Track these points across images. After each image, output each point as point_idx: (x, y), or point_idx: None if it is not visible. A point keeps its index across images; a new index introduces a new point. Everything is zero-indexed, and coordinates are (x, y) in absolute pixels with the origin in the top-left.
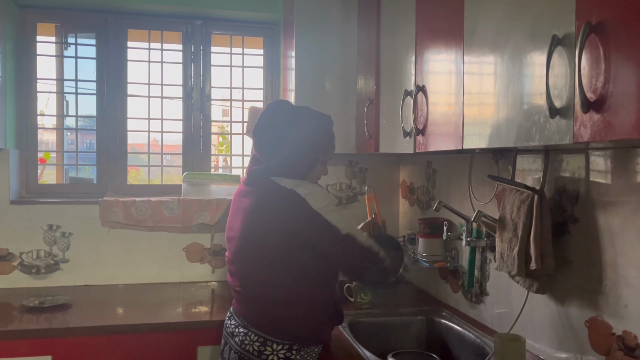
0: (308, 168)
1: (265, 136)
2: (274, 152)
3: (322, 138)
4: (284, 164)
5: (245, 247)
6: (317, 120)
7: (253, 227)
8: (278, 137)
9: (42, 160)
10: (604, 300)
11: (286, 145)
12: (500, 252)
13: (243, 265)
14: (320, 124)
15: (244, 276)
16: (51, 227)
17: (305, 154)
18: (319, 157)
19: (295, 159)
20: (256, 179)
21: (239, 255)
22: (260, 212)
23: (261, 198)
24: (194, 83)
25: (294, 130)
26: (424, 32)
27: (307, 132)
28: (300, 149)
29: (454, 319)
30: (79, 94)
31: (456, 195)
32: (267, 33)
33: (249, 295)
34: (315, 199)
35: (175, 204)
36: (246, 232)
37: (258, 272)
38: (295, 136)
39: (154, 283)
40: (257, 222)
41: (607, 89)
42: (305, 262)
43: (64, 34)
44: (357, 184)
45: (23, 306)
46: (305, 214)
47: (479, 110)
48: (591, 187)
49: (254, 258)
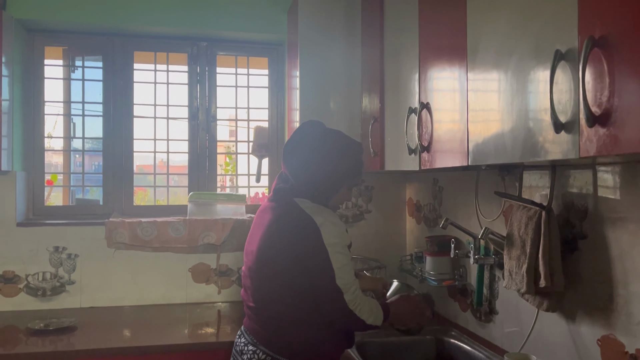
0: (332, 191)
1: (294, 155)
2: (301, 172)
3: (350, 163)
4: (309, 185)
5: (260, 264)
6: (347, 145)
7: (268, 245)
8: (307, 158)
9: (49, 182)
10: (616, 318)
11: (314, 166)
12: (509, 270)
13: (257, 281)
14: (350, 149)
15: (257, 292)
16: (57, 249)
17: (332, 177)
18: (345, 181)
19: (321, 181)
20: (280, 197)
21: (254, 271)
22: (276, 231)
23: (280, 218)
24: (199, 103)
25: (323, 152)
26: (428, 50)
27: (337, 156)
28: (328, 171)
29: (463, 339)
30: (85, 116)
31: (463, 212)
32: (271, 53)
33: (260, 311)
34: (328, 232)
35: (181, 224)
36: (262, 249)
37: (270, 289)
38: (324, 159)
39: (159, 304)
40: (272, 240)
41: (612, 102)
42: (310, 288)
43: (71, 57)
44: (363, 202)
45: (28, 329)
46: (314, 245)
47: (484, 126)
48: (599, 202)
49: (267, 275)
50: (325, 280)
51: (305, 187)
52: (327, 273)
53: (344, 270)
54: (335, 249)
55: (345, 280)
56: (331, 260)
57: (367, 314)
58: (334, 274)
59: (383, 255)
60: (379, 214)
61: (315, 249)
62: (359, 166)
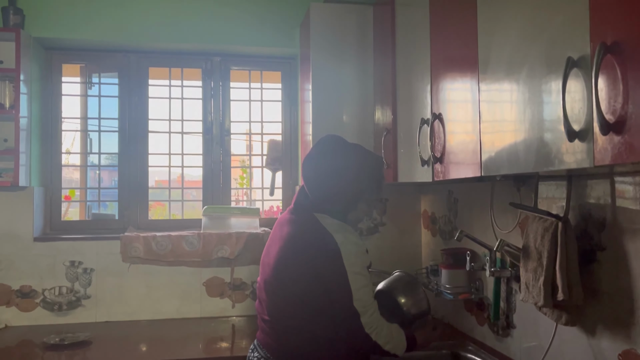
0: (352, 205)
1: (314, 169)
2: (320, 186)
3: (370, 177)
4: (329, 199)
5: (277, 277)
6: (368, 159)
7: (286, 259)
8: (325, 173)
9: (67, 197)
10: (638, 332)
11: (334, 180)
12: (526, 283)
13: (273, 295)
14: (370, 163)
15: (273, 306)
16: (73, 264)
17: (352, 192)
18: (364, 196)
19: (341, 195)
20: (300, 211)
21: (270, 284)
22: (295, 246)
23: (299, 233)
24: (213, 118)
25: (343, 166)
26: (439, 61)
27: (357, 170)
28: (348, 186)
29: (480, 353)
30: (102, 132)
31: (479, 224)
32: (284, 67)
33: (275, 325)
34: (348, 252)
35: (195, 238)
36: (280, 262)
37: (286, 304)
38: (344, 173)
39: (174, 318)
40: (290, 255)
41: (627, 109)
42: (327, 306)
43: (88, 74)
44: (378, 214)
45: (44, 343)
46: (333, 264)
47: (497, 137)
48: (618, 213)
49: (283, 290)
50: (342, 301)
51: (324, 202)
52: (345, 294)
53: (363, 291)
54: (355, 269)
55: (363, 302)
56: (350, 281)
57: (385, 339)
58: (352, 296)
59: (398, 268)
60: (394, 226)
61: (334, 269)
62: (379, 180)
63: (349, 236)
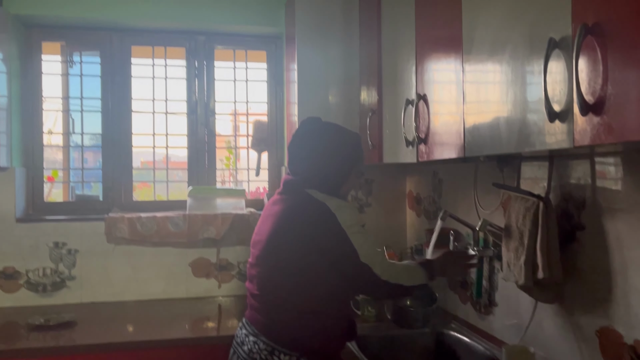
0: (341, 180)
1: (301, 151)
2: (309, 166)
3: (352, 150)
4: (319, 176)
5: (269, 251)
6: (347, 134)
7: (279, 232)
8: (316, 153)
9: (50, 178)
10: (615, 309)
11: (325, 159)
12: (507, 262)
13: (264, 269)
14: (350, 137)
15: (263, 280)
16: (57, 245)
17: (342, 166)
18: (352, 169)
19: (333, 171)
20: (290, 188)
21: (261, 259)
22: (288, 219)
23: (292, 206)
24: (198, 98)
25: (327, 144)
26: (424, 42)
27: (340, 146)
28: (337, 161)
29: (463, 331)
30: (84, 112)
31: (463, 204)
32: (269, 47)
33: (265, 299)
34: (344, 215)
35: (181, 219)
36: (273, 236)
37: (276, 276)
38: (333, 150)
39: (160, 299)
40: (284, 228)
41: (606, 90)
42: (324, 274)
43: (69, 52)
44: (363, 195)
45: (29, 324)
46: (331, 229)
47: (480, 117)
48: (597, 193)
49: (274, 261)
50: (350, 261)
51: (315, 179)
52: (350, 253)
53: (366, 246)
54: (353, 229)
55: (370, 256)
56: (352, 240)
57: (405, 279)
58: (357, 253)
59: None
60: (379, 207)
61: (334, 233)
62: (360, 151)
63: (340, 202)
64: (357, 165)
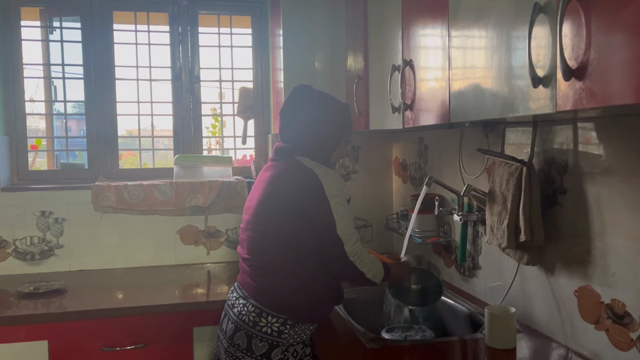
0: (332, 148)
1: (292, 118)
2: (300, 133)
3: (343, 119)
4: (310, 143)
5: (258, 215)
6: (339, 103)
7: (268, 197)
8: (304, 119)
9: (34, 147)
10: (593, 270)
11: (312, 125)
12: (491, 225)
13: (254, 232)
14: (339, 105)
15: (254, 243)
16: (44, 213)
17: (329, 134)
18: (342, 137)
19: (324, 139)
20: (281, 155)
21: (252, 223)
22: (277, 184)
23: (281, 172)
24: (182, 64)
25: (318, 112)
26: (411, 7)
27: (331, 114)
28: (325, 129)
29: (447, 293)
30: (66, 79)
31: (448, 170)
32: (254, 12)
33: (255, 262)
34: (330, 184)
35: (168, 187)
36: (263, 200)
37: (265, 240)
38: (321, 117)
39: (149, 266)
40: (272, 193)
41: (589, 55)
42: (309, 239)
43: (48, 18)
44: (350, 162)
45: (18, 292)
46: (315, 195)
47: (465, 83)
48: (579, 157)
49: (264, 225)
50: (326, 230)
51: (305, 147)
52: (329, 223)
53: (345, 221)
54: (337, 200)
55: (346, 231)
56: (332, 210)
57: (367, 268)
58: (335, 224)
59: (370, 214)
60: (366, 173)
61: (317, 199)
62: (349, 119)
63: (328, 171)
64: (347, 134)
